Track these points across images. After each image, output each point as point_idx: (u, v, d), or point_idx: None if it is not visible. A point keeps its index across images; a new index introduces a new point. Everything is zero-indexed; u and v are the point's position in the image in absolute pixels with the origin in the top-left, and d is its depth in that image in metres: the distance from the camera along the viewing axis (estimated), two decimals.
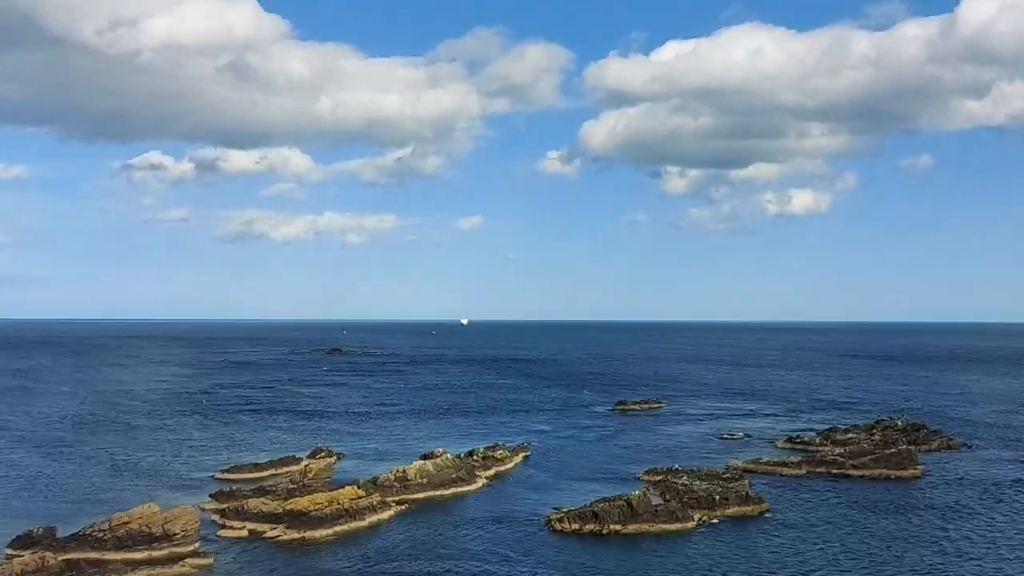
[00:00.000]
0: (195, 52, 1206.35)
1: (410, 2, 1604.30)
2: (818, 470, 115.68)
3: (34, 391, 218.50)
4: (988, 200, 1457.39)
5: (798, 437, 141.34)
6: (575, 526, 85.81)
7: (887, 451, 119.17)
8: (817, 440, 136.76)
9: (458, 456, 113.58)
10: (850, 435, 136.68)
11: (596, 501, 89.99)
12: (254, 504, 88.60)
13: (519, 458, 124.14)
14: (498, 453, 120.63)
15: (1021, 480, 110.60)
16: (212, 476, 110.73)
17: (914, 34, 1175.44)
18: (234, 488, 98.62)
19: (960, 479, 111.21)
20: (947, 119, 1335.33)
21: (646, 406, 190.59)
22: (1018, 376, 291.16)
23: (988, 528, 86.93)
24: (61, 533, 79.40)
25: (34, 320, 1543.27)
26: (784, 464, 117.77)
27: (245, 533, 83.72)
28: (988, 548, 79.88)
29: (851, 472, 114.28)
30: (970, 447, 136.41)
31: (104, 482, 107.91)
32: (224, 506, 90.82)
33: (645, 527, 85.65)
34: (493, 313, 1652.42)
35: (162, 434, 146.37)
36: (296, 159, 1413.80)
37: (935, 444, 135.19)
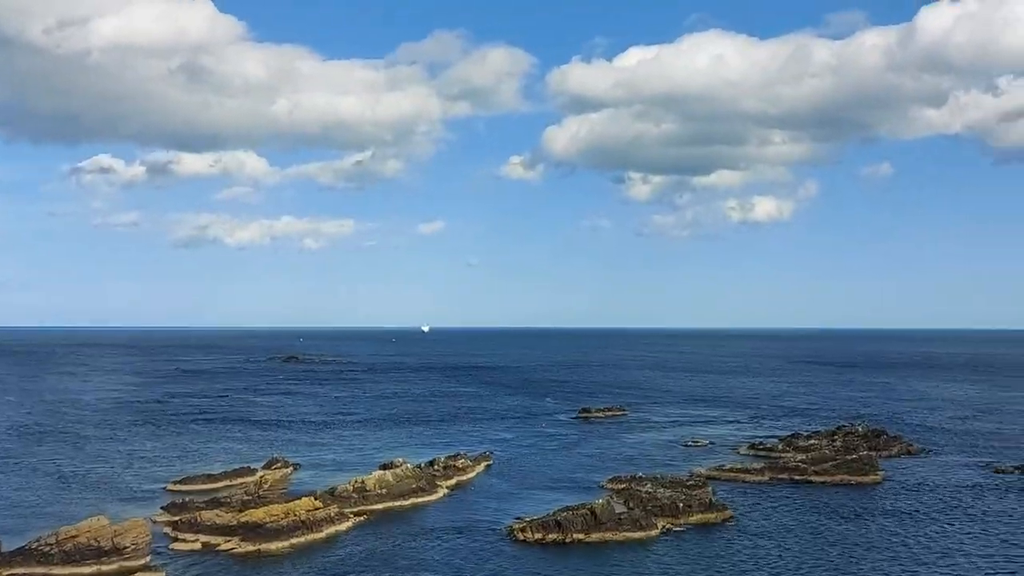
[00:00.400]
0: (147, 53, 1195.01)
1: (369, 4, 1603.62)
2: (780, 476, 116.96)
3: None
4: (946, 208, 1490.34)
5: (761, 444, 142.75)
6: (538, 535, 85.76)
7: (848, 457, 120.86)
8: (779, 446, 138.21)
9: (418, 466, 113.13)
10: (812, 441, 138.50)
11: (559, 510, 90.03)
12: (207, 516, 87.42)
13: (481, 467, 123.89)
14: (459, 462, 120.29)
15: (979, 485, 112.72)
16: (164, 488, 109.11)
17: (873, 43, 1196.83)
18: (187, 500, 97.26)
19: (919, 485, 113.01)
20: (906, 127, 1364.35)
21: (609, 413, 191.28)
22: (976, 382, 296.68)
23: (946, 534, 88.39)
24: (6, 547, 77.84)
25: None
26: (747, 471, 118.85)
27: (198, 546, 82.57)
28: (944, 554, 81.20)
29: (813, 478, 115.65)
30: (929, 453, 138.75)
31: (51, 494, 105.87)
32: (176, 518, 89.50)
33: (609, 536, 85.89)
34: (454, 320, 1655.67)
35: (112, 445, 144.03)
36: (252, 162, 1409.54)
37: (895, 450, 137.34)
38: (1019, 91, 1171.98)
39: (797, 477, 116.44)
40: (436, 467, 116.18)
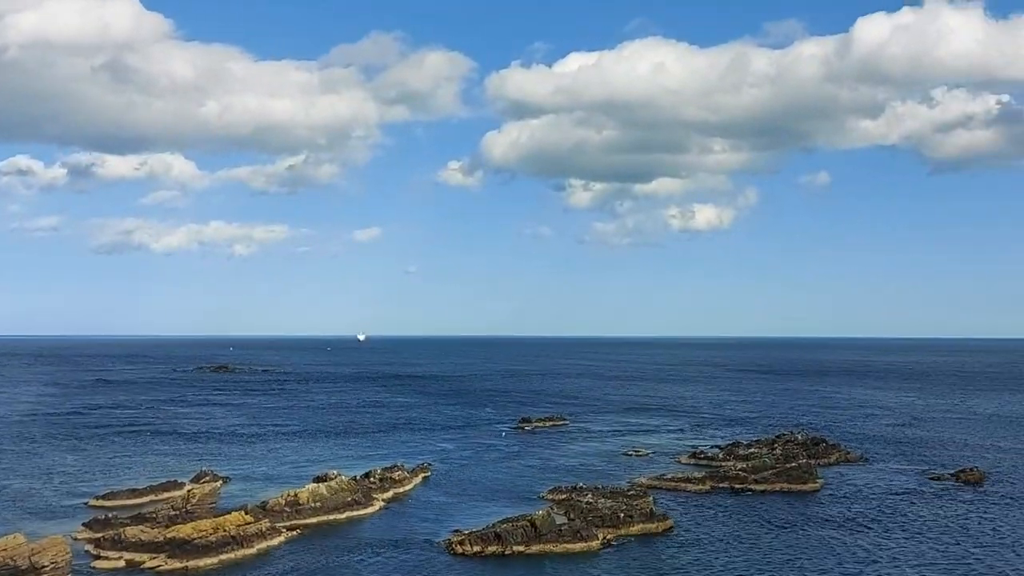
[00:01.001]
0: (68, 50, 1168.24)
1: (303, 3, 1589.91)
2: (721, 485, 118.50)
3: None
4: (883, 217, 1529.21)
5: (701, 452, 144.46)
6: (477, 548, 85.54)
7: (788, 465, 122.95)
8: (720, 455, 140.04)
9: (354, 478, 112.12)
10: (752, 450, 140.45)
11: (499, 522, 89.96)
12: (132, 533, 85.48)
13: (419, 479, 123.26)
14: (396, 474, 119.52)
15: (914, 492, 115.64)
16: (85, 503, 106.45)
17: (811, 53, 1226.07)
18: (110, 516, 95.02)
19: (857, 492, 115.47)
20: (843, 138, 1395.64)
21: (550, 423, 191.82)
22: (912, 390, 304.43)
23: (883, 540, 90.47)
24: None
25: None
26: (688, 480, 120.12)
27: (122, 564, 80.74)
28: (882, 560, 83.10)
29: (753, 487, 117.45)
30: (867, 460, 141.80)
31: None
32: (99, 535, 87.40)
33: (549, 547, 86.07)
34: (392, 328, 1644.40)
35: (29, 459, 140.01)
36: (179, 165, 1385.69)
37: (833, 458, 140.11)
38: (954, 103, 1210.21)
39: (738, 486, 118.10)
40: (372, 479, 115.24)
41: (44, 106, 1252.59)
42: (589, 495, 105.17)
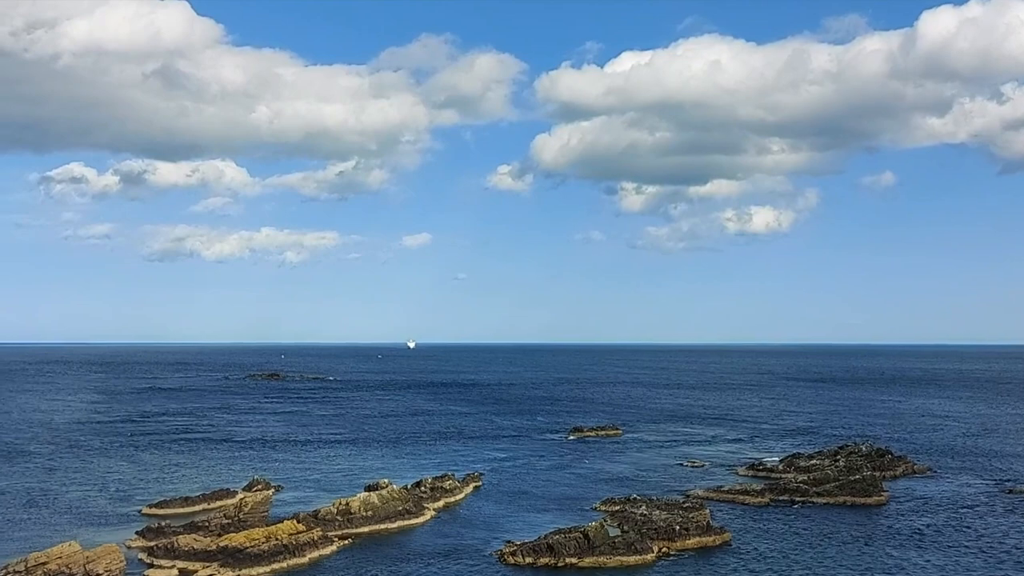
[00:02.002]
0: (120, 57, 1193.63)
1: (353, 7, 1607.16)
2: (781, 498, 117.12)
3: None
4: (951, 218, 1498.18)
5: (760, 464, 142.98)
6: (529, 560, 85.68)
7: (851, 478, 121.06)
8: (780, 467, 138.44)
9: (405, 487, 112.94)
10: (813, 461, 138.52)
11: (551, 533, 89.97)
12: (185, 541, 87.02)
13: (470, 488, 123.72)
14: (447, 483, 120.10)
15: (985, 505, 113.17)
16: (139, 511, 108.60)
17: (874, 48, 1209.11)
18: (163, 524, 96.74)
19: (924, 506, 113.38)
20: (909, 136, 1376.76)
21: (603, 433, 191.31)
22: (982, 400, 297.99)
23: (953, 556, 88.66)
24: None
25: None
26: (746, 492, 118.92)
27: (175, 572, 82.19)
28: None
29: (815, 499, 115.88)
30: (935, 472, 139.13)
31: (21, 519, 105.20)
32: (152, 544, 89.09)
33: (602, 560, 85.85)
34: (441, 335, 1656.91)
35: (84, 467, 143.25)
36: (230, 172, 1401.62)
37: (899, 470, 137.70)
38: None
39: (798, 499, 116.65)
40: (423, 488, 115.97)
41: (96, 113, 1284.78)
42: (643, 507, 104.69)
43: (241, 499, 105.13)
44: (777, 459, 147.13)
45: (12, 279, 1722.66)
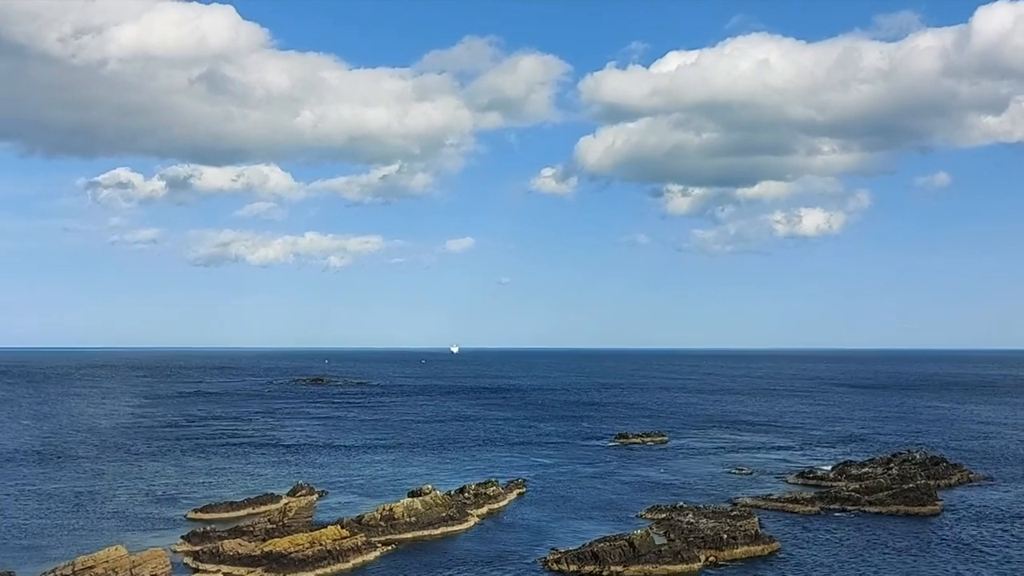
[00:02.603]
0: (166, 62, 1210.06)
1: (396, 9, 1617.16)
2: (832, 506, 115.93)
3: None
4: (1007, 220, 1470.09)
5: (811, 472, 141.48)
6: (573, 567, 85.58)
7: (904, 486, 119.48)
8: (831, 475, 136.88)
9: (448, 493, 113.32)
10: (865, 469, 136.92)
11: (596, 541, 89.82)
12: (230, 546, 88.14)
13: (514, 495, 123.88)
14: (491, 490, 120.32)
15: None
16: (184, 516, 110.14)
17: (927, 45, 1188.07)
18: (208, 529, 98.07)
19: (980, 515, 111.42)
20: (963, 136, 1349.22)
21: (649, 439, 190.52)
22: None
23: (1009, 569, 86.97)
24: None
25: None
26: (796, 500, 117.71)
27: None
28: None
29: (867, 508, 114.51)
30: (991, 481, 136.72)
31: (67, 523, 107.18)
32: (197, 548, 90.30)
33: (648, 569, 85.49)
34: (485, 340, 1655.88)
35: (130, 471, 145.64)
36: (275, 177, 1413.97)
37: (955, 479, 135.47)
38: None
39: (850, 507, 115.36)
40: (467, 494, 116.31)
41: (143, 119, 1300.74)
42: (690, 515, 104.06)
43: (285, 504, 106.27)
44: (828, 467, 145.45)
45: (60, 284, 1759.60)
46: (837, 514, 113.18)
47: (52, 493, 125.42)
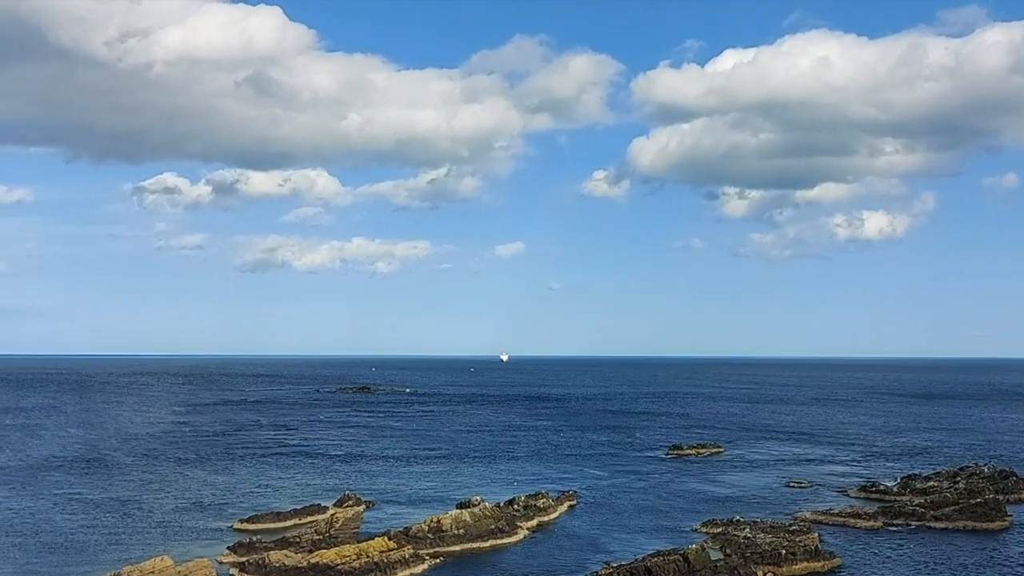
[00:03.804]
0: (212, 65, 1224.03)
1: (444, 9, 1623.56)
2: (895, 522, 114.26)
3: (38, 432, 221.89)
4: None
5: (873, 485, 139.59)
6: None
7: (972, 501, 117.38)
8: (894, 489, 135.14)
9: (497, 505, 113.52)
10: (931, 483, 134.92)
11: (649, 555, 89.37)
12: (276, 557, 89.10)
13: (564, 507, 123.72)
14: (541, 502, 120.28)
15: None
16: (230, 526, 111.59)
17: (995, 40, 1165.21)
18: (254, 539, 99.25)
19: None
20: None
21: (704, 451, 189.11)
22: None
23: None
24: None
25: (36, 356, 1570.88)
26: (858, 515, 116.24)
27: None
28: None
29: (932, 524, 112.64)
30: None
31: (114, 532, 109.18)
32: (243, 559, 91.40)
33: None
34: (535, 348, 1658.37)
35: (176, 480, 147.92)
36: (322, 181, 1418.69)
37: None
38: None
39: (914, 522, 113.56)
40: (516, 506, 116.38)
41: (189, 123, 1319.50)
42: (747, 529, 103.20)
43: (332, 515, 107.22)
44: (891, 480, 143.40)
45: (106, 291, 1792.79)
46: (901, 529, 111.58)
47: (99, 502, 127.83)
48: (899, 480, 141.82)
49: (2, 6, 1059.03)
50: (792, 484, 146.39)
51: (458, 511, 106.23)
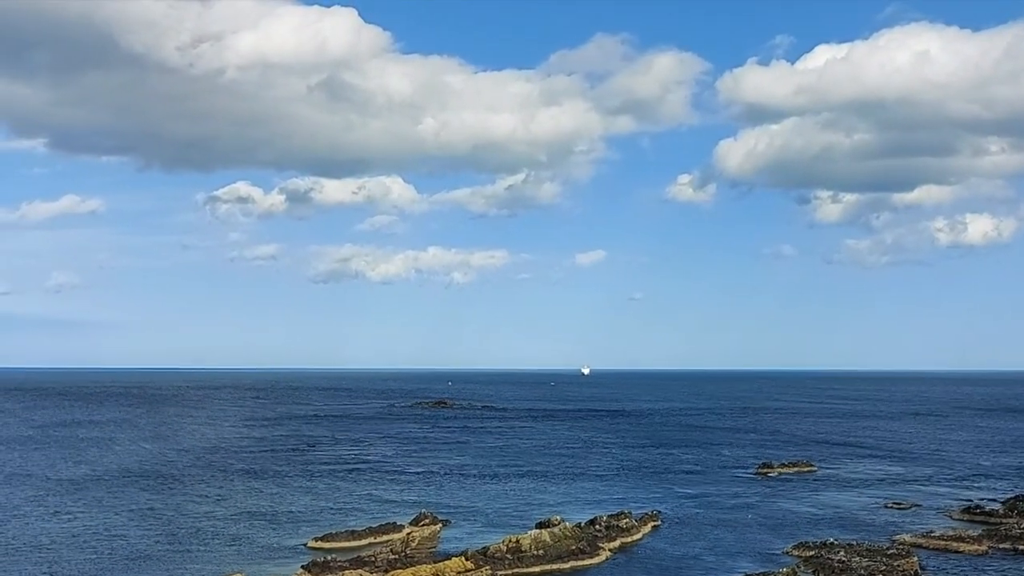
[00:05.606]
0: (284, 70, 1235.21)
1: (522, 8, 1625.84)
2: (1002, 546, 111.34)
3: (111, 446, 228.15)
4: None
5: (978, 507, 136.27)
6: None
7: None
8: (1001, 511, 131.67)
9: (578, 525, 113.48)
10: None
11: None
12: None
13: (647, 528, 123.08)
14: (624, 522, 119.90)
15: None
16: (304, 544, 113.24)
17: None
18: (328, 558, 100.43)
19: None
20: None
21: (795, 469, 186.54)
22: None
23: None
24: None
25: (108, 369, 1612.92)
26: (961, 539, 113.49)
27: None
28: None
29: None
30: None
31: (187, 547, 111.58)
32: None
33: None
34: (617, 361, 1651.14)
35: (250, 496, 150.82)
36: (397, 188, 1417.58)
37: None
38: None
39: (1022, 547, 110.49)
40: (598, 527, 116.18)
41: (261, 129, 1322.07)
42: (842, 552, 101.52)
43: (408, 533, 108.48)
44: (998, 502, 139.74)
45: (178, 302, 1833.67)
46: (1008, 554, 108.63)
47: (172, 517, 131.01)
48: (1006, 502, 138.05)
49: (77, 14, 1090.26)
50: (889, 505, 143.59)
51: (537, 531, 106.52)
